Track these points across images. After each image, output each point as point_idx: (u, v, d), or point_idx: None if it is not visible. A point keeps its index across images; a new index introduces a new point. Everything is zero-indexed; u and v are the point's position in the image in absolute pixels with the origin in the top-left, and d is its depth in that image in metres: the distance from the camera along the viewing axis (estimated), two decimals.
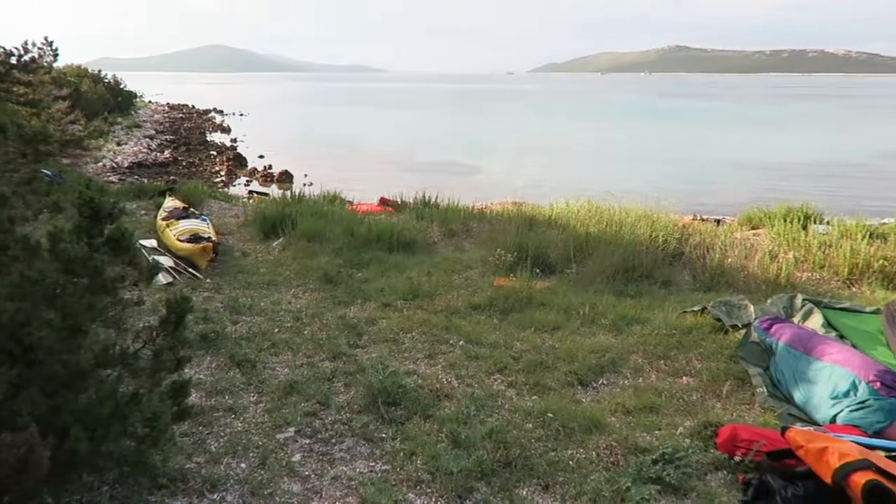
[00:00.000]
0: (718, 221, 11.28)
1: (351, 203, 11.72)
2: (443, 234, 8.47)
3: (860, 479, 2.61)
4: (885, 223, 9.19)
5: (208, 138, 34.19)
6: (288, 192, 11.24)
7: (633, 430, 3.53)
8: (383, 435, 3.46)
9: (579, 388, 4.20)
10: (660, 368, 4.54)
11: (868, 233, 8.36)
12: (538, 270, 6.69)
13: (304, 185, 18.89)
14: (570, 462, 3.22)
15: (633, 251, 6.97)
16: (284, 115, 60.78)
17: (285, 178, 22.45)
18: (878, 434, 3.53)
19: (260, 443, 3.34)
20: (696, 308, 5.55)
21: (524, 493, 3.00)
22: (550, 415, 3.59)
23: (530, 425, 3.53)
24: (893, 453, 3.24)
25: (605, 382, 4.30)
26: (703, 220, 11.64)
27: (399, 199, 11.77)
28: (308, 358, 4.44)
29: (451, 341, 4.83)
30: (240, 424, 3.52)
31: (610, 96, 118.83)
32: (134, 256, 3.08)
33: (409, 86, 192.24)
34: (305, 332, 4.95)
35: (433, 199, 10.58)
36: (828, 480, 2.72)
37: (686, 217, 12.40)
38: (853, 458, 2.68)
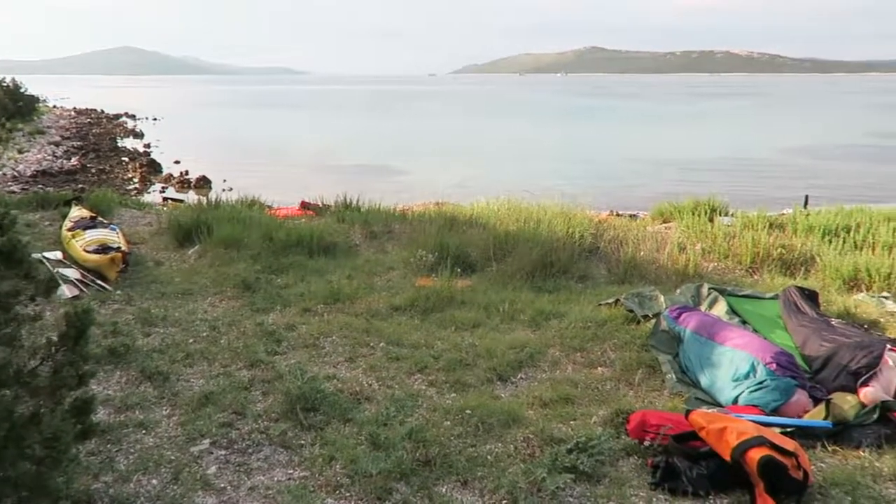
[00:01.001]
0: (633, 216, 11.69)
1: (271, 207, 11.46)
2: (364, 236, 8.43)
3: (756, 454, 2.78)
4: (783, 214, 9.74)
5: (119, 144, 32.78)
6: (205, 198, 10.91)
7: (549, 422, 3.62)
8: (302, 441, 3.42)
9: (499, 383, 4.27)
10: (576, 360, 4.67)
11: (768, 223, 8.86)
12: (459, 269, 6.76)
13: (223, 190, 18.39)
14: (489, 457, 3.28)
15: (550, 247, 7.13)
16: (201, 118, 58.94)
17: (203, 183, 21.80)
18: (775, 412, 3.75)
19: (173, 457, 3.25)
20: (610, 301, 5.74)
21: (443, 490, 3.03)
22: (469, 411, 3.64)
23: (449, 423, 3.57)
24: (788, 429, 3.46)
25: (523, 377, 4.39)
26: (618, 215, 12.04)
27: (321, 203, 11.61)
28: (224, 367, 4.34)
29: (371, 344, 4.83)
30: (151, 440, 3.41)
31: (528, 96, 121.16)
32: (30, 269, 2.94)
33: (331, 88, 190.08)
34: (222, 341, 4.83)
35: (355, 202, 10.51)
36: (727, 458, 2.89)
37: (603, 213, 12.80)
38: (749, 436, 2.85)
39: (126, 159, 26.84)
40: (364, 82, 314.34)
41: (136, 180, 22.14)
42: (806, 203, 13.32)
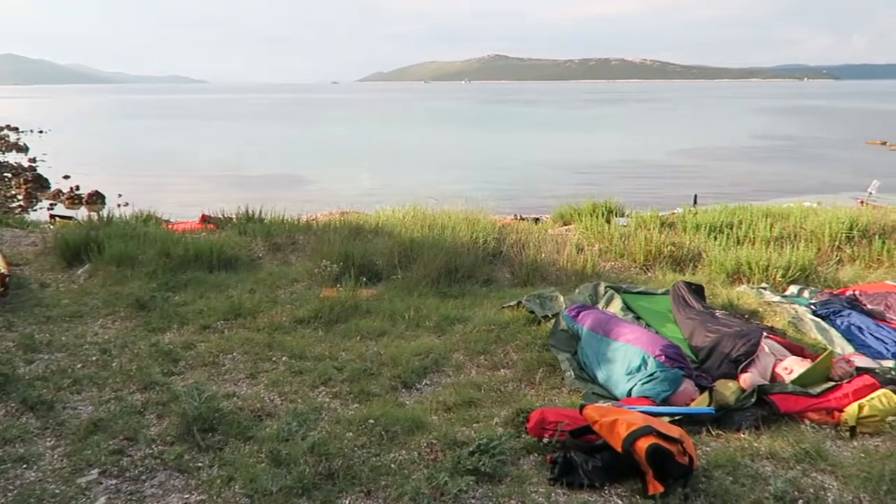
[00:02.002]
0: (536, 220, 12.00)
1: (168, 222, 11.02)
2: (268, 248, 8.25)
3: (644, 444, 2.92)
4: (674, 213, 10.27)
5: (1, 159, 30.61)
6: (97, 215, 10.35)
7: (452, 426, 3.66)
8: (199, 464, 3.31)
9: (403, 391, 4.29)
10: (480, 363, 4.75)
11: (661, 222, 9.33)
12: (365, 279, 6.73)
13: (118, 205, 17.55)
14: (393, 465, 3.28)
15: (455, 253, 7.23)
16: (93, 130, 55.95)
17: (96, 199, 20.72)
18: (665, 402, 3.96)
19: (57, 491, 3.06)
20: (512, 303, 5.88)
21: (347, 502, 3.00)
22: (373, 421, 3.63)
23: (352, 434, 3.54)
24: (676, 417, 3.66)
25: (428, 383, 4.43)
26: (522, 219, 12.33)
27: (222, 215, 11.26)
28: (116, 392, 4.13)
29: (274, 358, 4.73)
30: (33, 474, 3.20)
31: (434, 104, 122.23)
32: None
33: (231, 97, 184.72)
34: (114, 364, 4.59)
35: (258, 214, 10.26)
36: (619, 449, 3.01)
37: (508, 217, 13.09)
38: (638, 427, 2.99)
39: (9, 175, 25.12)
40: (266, 91, 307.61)
41: (20, 197, 20.76)
42: (695, 202, 14.13)
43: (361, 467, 3.24)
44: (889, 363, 4.51)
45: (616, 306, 5.78)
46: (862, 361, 4.45)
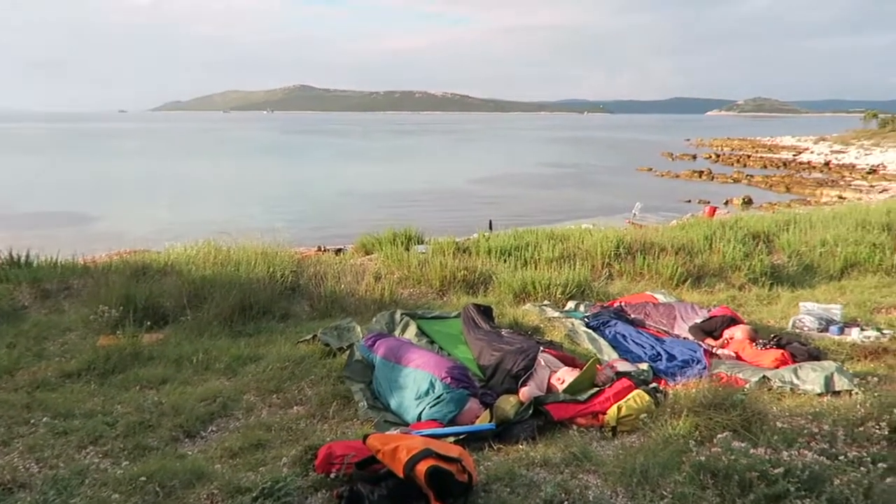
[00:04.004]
0: (339, 251, 11.98)
1: None
2: (35, 296, 7.37)
3: (423, 466, 2.99)
4: (469, 238, 10.78)
5: None
6: None
7: (237, 472, 3.49)
8: None
9: (186, 440, 4.03)
10: (272, 403, 4.61)
11: (457, 248, 9.74)
12: (149, 322, 6.27)
13: None
14: None
15: (250, 289, 6.98)
16: None
17: None
18: (452, 422, 4.10)
19: None
20: (308, 337, 5.80)
21: None
22: (145, 478, 3.35)
23: (119, 496, 3.24)
24: (461, 436, 3.81)
25: (214, 429, 4.20)
26: (325, 250, 12.25)
27: None
28: None
29: (33, 420, 4.19)
30: None
31: (235, 133, 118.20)
32: None
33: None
34: None
35: (24, 257, 9.13)
36: (401, 475, 3.06)
37: (311, 249, 12.95)
38: (417, 451, 3.07)
39: None
40: (42, 119, 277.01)
41: None
42: (490, 227, 14.97)
43: None
44: (644, 366, 5.08)
45: (411, 332, 5.92)
46: (623, 366, 4.96)
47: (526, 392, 4.35)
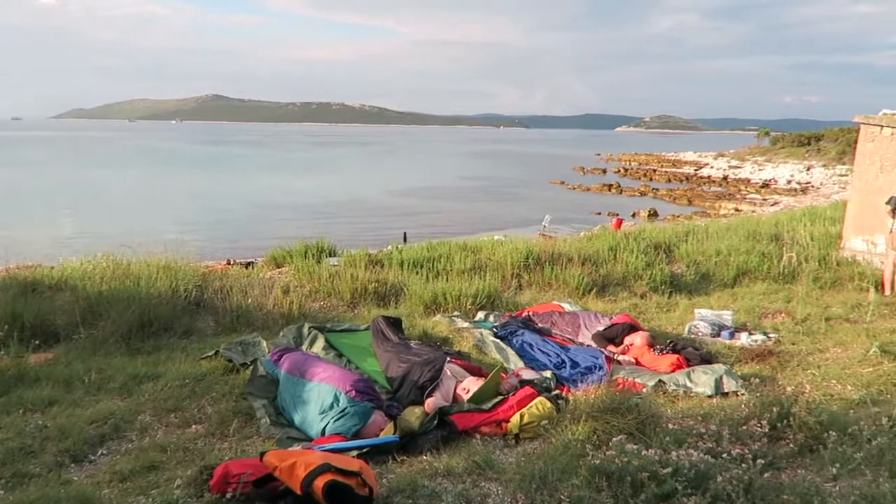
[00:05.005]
0: (249, 264, 11.67)
1: None
2: None
3: (321, 482, 2.95)
4: (382, 251, 10.76)
5: None
6: None
7: (126, 497, 3.33)
8: None
9: (72, 466, 3.80)
10: (170, 422, 4.43)
11: (370, 260, 9.69)
12: (38, 342, 5.92)
13: None
14: None
15: (150, 304, 6.70)
16: None
17: None
18: (356, 435, 4.06)
19: None
20: (210, 353, 5.61)
21: None
22: None
23: None
24: (364, 450, 3.77)
25: (105, 452, 3.99)
26: (234, 264, 11.91)
27: None
28: None
29: None
30: None
31: (143, 142, 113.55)
32: None
33: None
34: None
35: None
36: (299, 491, 3.00)
37: (220, 263, 12.55)
38: (315, 466, 3.02)
39: None
40: None
41: None
42: (405, 239, 15.00)
43: None
44: (548, 373, 5.20)
45: (319, 346, 5.84)
46: (528, 374, 5.07)
47: (431, 403, 4.36)
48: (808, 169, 50.91)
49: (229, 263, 12.53)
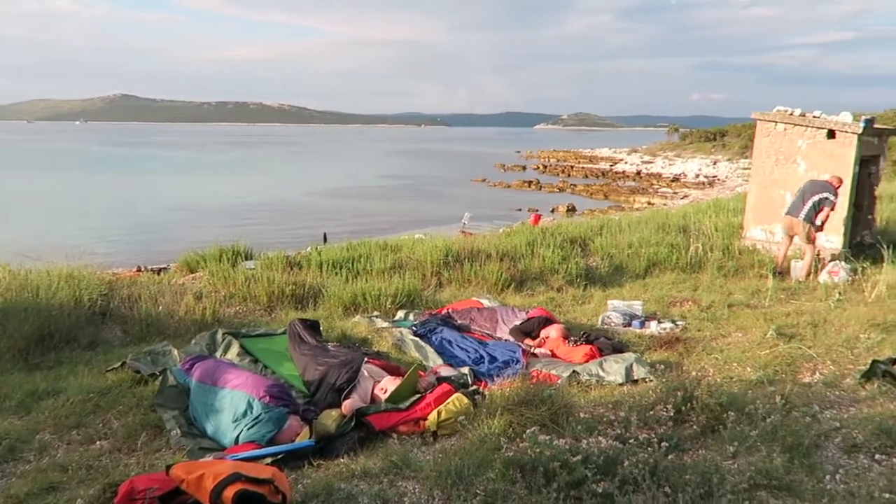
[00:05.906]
0: (161, 270, 11.22)
1: None
2: None
3: (230, 492, 2.87)
4: (300, 252, 10.56)
5: None
6: None
7: None
8: None
9: None
10: (72, 440, 4.21)
11: (288, 263, 9.50)
12: None
13: None
14: None
15: (50, 316, 6.35)
16: None
17: None
18: (271, 442, 3.98)
19: None
20: (117, 364, 5.37)
21: None
22: None
23: None
24: (279, 456, 3.70)
25: None
26: (144, 270, 11.43)
27: None
28: None
29: None
30: None
31: (46, 145, 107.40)
32: None
33: None
34: None
35: None
36: (209, 503, 2.91)
37: (131, 270, 12.02)
38: (225, 476, 2.94)
39: None
40: None
41: None
42: (325, 240, 14.80)
43: None
44: (465, 369, 5.25)
45: (233, 352, 5.68)
46: (446, 371, 5.10)
47: (349, 405, 4.32)
48: (715, 163, 53.45)
49: (139, 270, 12.01)
